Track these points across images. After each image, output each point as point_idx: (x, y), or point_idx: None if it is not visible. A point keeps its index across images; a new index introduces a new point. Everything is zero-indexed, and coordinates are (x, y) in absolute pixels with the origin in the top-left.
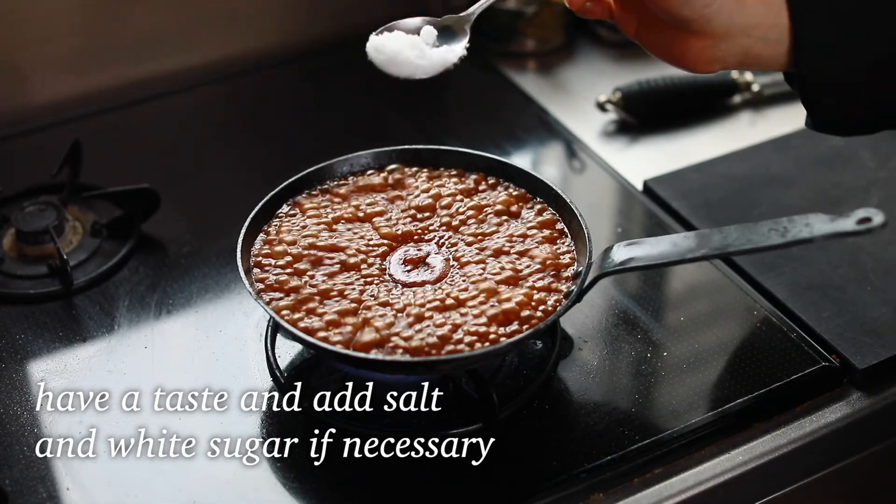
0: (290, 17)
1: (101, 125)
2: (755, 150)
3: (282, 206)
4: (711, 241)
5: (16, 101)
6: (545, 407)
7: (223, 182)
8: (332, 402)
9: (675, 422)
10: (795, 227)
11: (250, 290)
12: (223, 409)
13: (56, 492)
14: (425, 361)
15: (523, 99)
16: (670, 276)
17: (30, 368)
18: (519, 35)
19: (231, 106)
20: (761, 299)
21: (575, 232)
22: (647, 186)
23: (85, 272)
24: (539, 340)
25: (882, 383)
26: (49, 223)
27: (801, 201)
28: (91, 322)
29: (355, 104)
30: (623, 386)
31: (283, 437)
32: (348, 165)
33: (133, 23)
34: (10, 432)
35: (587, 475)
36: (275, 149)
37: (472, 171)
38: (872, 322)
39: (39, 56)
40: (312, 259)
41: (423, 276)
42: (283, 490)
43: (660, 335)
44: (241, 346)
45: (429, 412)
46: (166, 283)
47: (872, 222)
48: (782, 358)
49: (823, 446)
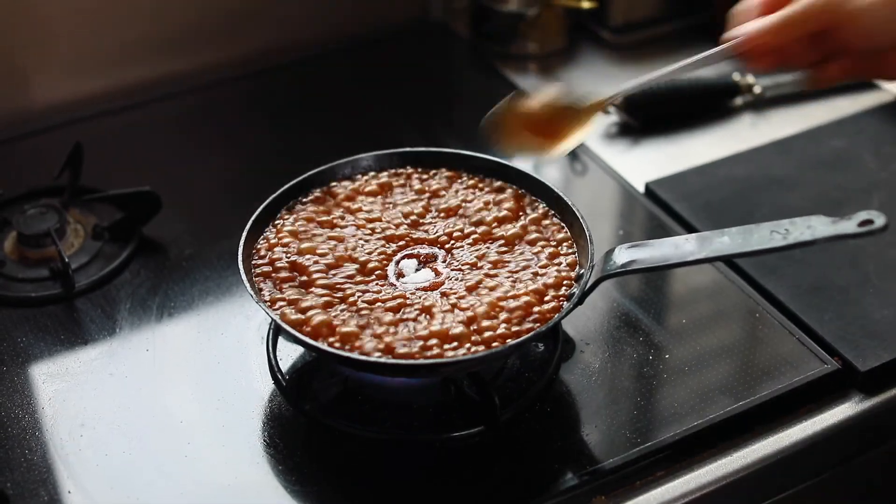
0: (291, 19)
1: (102, 128)
2: (757, 152)
3: (283, 209)
4: (713, 243)
5: (17, 103)
6: (547, 409)
7: (225, 184)
8: (334, 404)
9: (678, 424)
10: (797, 230)
11: (252, 293)
12: (225, 412)
13: (58, 495)
14: (427, 364)
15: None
16: (672, 278)
17: (31, 371)
18: (520, 37)
19: (233, 108)
20: (763, 301)
21: (576, 234)
22: (648, 188)
23: (86, 275)
24: (541, 343)
25: (884, 386)
26: (50, 226)
27: (802, 203)
28: (92, 325)
29: (357, 107)
30: (625, 388)
31: (285, 440)
32: (350, 168)
33: (134, 25)
34: (12, 435)
35: (589, 478)
36: (276, 151)
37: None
38: (874, 324)
39: (41, 58)
40: (314, 261)
41: (426, 280)
42: (284, 493)
43: (662, 337)
44: (242, 348)
45: (431, 414)
46: (168, 285)
47: (874, 224)
48: (784, 360)
49: (825, 449)
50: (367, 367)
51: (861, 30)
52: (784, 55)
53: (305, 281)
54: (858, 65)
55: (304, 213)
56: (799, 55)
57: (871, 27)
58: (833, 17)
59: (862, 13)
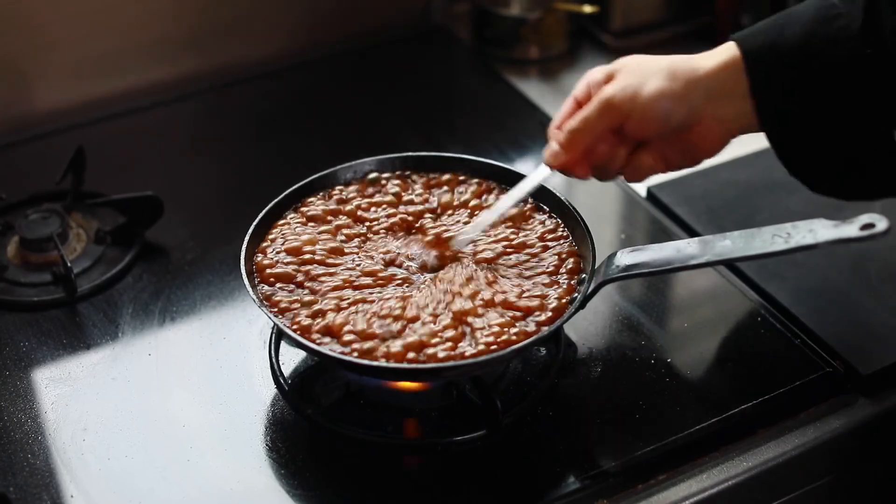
0: (293, 24)
1: (104, 132)
2: (758, 155)
3: (286, 213)
4: (715, 247)
5: (20, 108)
6: (549, 413)
7: (227, 189)
8: (336, 409)
9: (679, 428)
10: (799, 233)
11: (254, 298)
12: (227, 416)
13: (60, 499)
14: (430, 368)
15: (527, 105)
16: (674, 282)
17: (34, 376)
18: (522, 42)
19: (234, 113)
20: (765, 305)
21: (579, 238)
22: (650, 193)
23: (89, 279)
24: (543, 347)
25: (886, 389)
26: (53, 230)
27: (804, 207)
28: (95, 329)
29: (359, 111)
30: (626, 392)
31: (287, 444)
32: (352, 172)
33: (137, 31)
34: (15, 439)
35: (591, 481)
36: (278, 155)
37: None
38: (876, 328)
39: (43, 63)
40: (316, 266)
41: (428, 283)
42: (287, 497)
43: (663, 341)
44: (244, 353)
45: (433, 419)
46: (170, 290)
47: (876, 228)
48: (786, 364)
49: (827, 452)
50: (369, 372)
51: (651, 115)
52: (596, 158)
53: (308, 285)
54: (666, 150)
55: (306, 217)
56: (609, 155)
57: (661, 111)
58: (624, 110)
59: (648, 101)
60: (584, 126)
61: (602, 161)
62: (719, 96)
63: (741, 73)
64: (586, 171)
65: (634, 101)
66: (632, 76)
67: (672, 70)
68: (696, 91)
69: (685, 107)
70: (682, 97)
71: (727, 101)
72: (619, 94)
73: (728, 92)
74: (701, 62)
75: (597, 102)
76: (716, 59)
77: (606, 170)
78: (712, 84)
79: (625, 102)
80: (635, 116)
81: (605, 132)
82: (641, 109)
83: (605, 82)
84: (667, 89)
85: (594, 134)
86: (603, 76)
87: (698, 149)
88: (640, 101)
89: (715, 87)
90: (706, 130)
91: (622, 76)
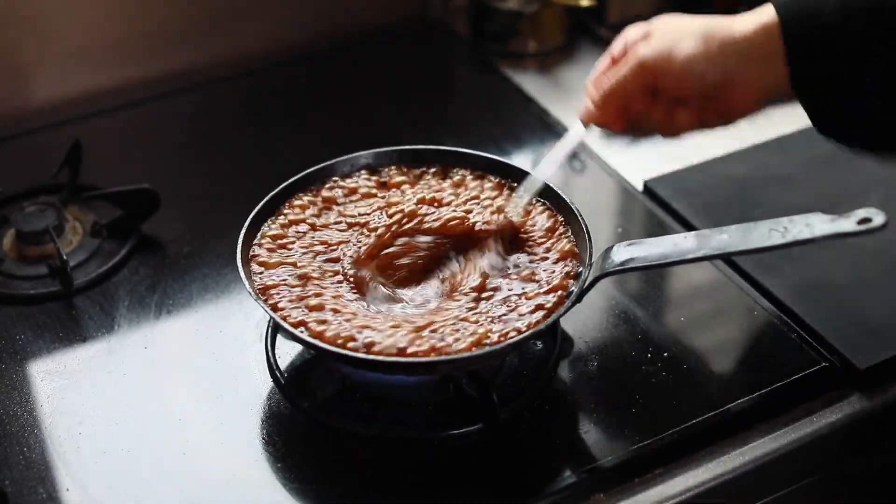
0: (290, 17)
1: (101, 125)
2: (756, 150)
3: (282, 206)
4: (712, 241)
5: (16, 101)
6: (546, 407)
7: (223, 182)
8: (332, 402)
9: (676, 422)
10: (796, 228)
11: (250, 291)
12: (223, 410)
13: (56, 492)
14: (425, 362)
15: (524, 99)
16: (671, 276)
17: (30, 369)
18: (519, 35)
19: (231, 107)
20: (762, 299)
21: (575, 232)
22: (647, 187)
23: (85, 272)
24: (539, 341)
25: (883, 384)
26: (49, 223)
27: (801, 201)
28: (91, 322)
29: (356, 105)
30: (623, 386)
31: (283, 438)
32: (348, 166)
33: (134, 23)
34: (10, 433)
35: (588, 476)
36: (275, 149)
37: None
38: (873, 322)
39: (39, 56)
40: (312, 258)
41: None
42: (282, 490)
43: (660, 335)
44: (241, 346)
45: (429, 413)
46: (166, 283)
47: (873, 222)
48: (783, 358)
49: (824, 447)
50: (364, 365)
51: (685, 76)
52: (632, 114)
53: (304, 278)
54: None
55: (302, 211)
56: (646, 111)
57: (695, 73)
58: (658, 71)
59: (683, 63)
60: (617, 86)
61: (637, 117)
62: (754, 59)
63: (777, 37)
64: (622, 127)
65: (668, 63)
66: (666, 37)
67: (707, 32)
68: (730, 53)
69: (719, 69)
70: (717, 59)
71: (762, 65)
72: (652, 55)
73: (763, 55)
74: (737, 25)
75: (630, 62)
76: (752, 22)
77: (642, 126)
78: (747, 47)
79: (658, 63)
80: (669, 77)
81: (639, 91)
82: (675, 71)
83: (641, 40)
84: (701, 51)
85: (627, 93)
86: (639, 34)
87: (733, 110)
88: (673, 62)
89: (750, 50)
90: (741, 92)
91: (657, 36)
